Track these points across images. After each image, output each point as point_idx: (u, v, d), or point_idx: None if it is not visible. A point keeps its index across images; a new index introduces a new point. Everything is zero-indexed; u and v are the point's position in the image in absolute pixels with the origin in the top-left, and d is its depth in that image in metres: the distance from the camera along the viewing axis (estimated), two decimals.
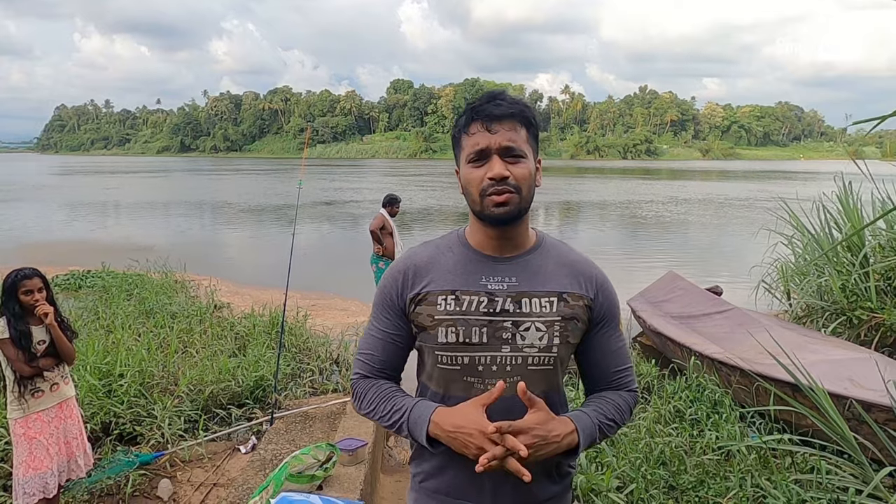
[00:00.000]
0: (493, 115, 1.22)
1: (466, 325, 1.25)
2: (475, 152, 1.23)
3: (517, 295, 1.27)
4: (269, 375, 4.91)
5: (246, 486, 3.30)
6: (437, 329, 1.27)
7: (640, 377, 5.77)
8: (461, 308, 1.26)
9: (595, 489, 3.05)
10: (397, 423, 1.28)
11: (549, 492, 1.34)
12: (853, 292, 5.97)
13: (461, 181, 1.30)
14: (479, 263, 1.30)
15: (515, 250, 1.31)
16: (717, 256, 14.64)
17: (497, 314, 1.26)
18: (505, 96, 1.26)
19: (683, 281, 8.13)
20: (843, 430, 3.31)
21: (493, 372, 1.26)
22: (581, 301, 1.31)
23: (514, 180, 1.22)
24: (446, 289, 1.28)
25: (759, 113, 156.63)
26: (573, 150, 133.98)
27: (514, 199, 1.22)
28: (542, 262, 1.32)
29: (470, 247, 1.33)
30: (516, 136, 1.24)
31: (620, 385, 1.39)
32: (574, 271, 1.33)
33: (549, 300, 1.28)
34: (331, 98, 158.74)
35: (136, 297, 7.98)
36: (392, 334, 1.35)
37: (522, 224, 1.31)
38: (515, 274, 1.29)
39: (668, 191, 37.77)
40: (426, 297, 1.29)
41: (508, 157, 1.23)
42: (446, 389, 1.30)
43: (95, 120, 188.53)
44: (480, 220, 1.28)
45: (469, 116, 1.26)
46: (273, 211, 25.70)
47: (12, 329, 2.81)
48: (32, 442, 2.87)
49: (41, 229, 19.60)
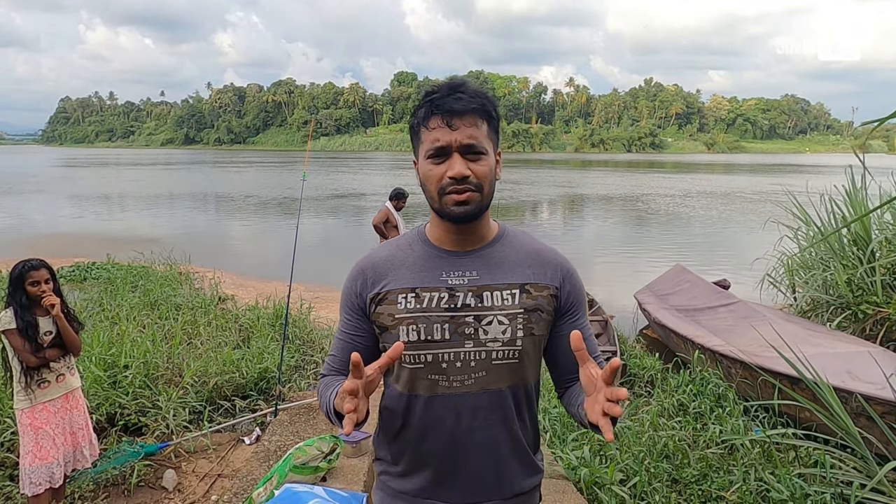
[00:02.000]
0: (454, 110, 1.17)
1: (428, 322, 1.22)
2: (435, 149, 1.19)
3: (478, 289, 1.24)
4: (273, 367, 4.93)
5: (250, 477, 3.31)
6: (399, 328, 1.24)
7: (644, 371, 5.77)
8: (422, 305, 1.23)
9: (598, 482, 3.06)
10: (326, 408, 1.25)
11: (521, 486, 1.33)
12: (859, 286, 5.94)
13: (419, 175, 1.25)
14: (438, 259, 1.27)
15: (476, 244, 1.29)
16: (724, 250, 14.59)
17: (458, 309, 1.23)
18: (466, 88, 1.20)
19: (690, 274, 8.12)
20: (847, 424, 3.30)
21: (457, 368, 1.23)
22: (545, 291, 1.27)
23: (474, 178, 1.18)
24: (406, 287, 1.25)
25: (764, 106, 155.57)
26: (577, 143, 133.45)
27: (475, 197, 1.19)
28: (503, 254, 1.29)
29: (430, 243, 1.30)
30: (477, 132, 1.19)
31: None
32: (537, 261, 1.30)
33: (510, 292, 1.25)
34: (335, 90, 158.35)
35: (140, 288, 8.01)
36: (354, 336, 1.32)
37: (483, 218, 1.27)
38: (476, 267, 1.26)
39: (674, 184, 37.62)
40: (386, 297, 1.26)
41: (469, 155, 1.19)
42: (411, 388, 1.27)
43: (100, 112, 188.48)
44: (440, 217, 1.25)
45: (429, 109, 1.20)
46: (277, 203, 25.72)
47: (19, 320, 2.82)
48: (39, 432, 2.89)
49: (47, 221, 19.67)
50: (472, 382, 1.24)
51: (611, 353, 6.32)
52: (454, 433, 1.25)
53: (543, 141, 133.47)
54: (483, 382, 1.25)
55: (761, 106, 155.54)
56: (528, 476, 1.34)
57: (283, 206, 24.33)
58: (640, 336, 7.82)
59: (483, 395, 1.24)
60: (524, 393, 1.31)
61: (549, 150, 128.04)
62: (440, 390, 1.24)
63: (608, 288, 10.38)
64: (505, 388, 1.27)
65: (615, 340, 6.67)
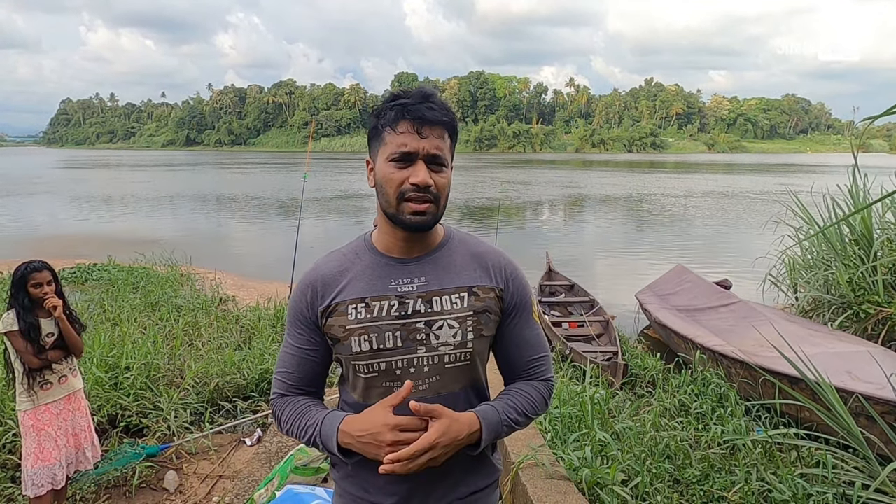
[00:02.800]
0: (425, 118, 1.18)
1: (379, 331, 1.23)
2: (401, 153, 1.18)
3: (427, 294, 1.25)
4: (274, 368, 4.92)
5: (251, 479, 3.32)
6: (350, 339, 1.24)
7: (646, 371, 5.77)
8: (372, 315, 1.24)
9: (600, 483, 3.05)
10: (311, 437, 1.26)
11: (476, 485, 1.34)
12: (860, 286, 5.93)
13: (376, 176, 1.24)
14: (387, 267, 1.28)
15: (423, 250, 1.29)
16: (726, 249, 14.58)
17: (409, 316, 1.24)
18: (436, 100, 1.22)
19: (691, 274, 8.12)
20: (849, 424, 3.29)
21: (410, 374, 1.25)
22: (491, 293, 1.29)
23: (435, 189, 1.19)
24: (356, 297, 1.25)
25: (765, 105, 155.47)
26: (578, 144, 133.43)
27: (432, 208, 1.20)
28: (450, 258, 1.30)
29: (377, 251, 1.30)
30: (443, 144, 1.21)
31: (536, 374, 1.37)
32: (482, 263, 1.31)
33: (459, 296, 1.27)
34: (335, 91, 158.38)
35: (141, 290, 8.02)
36: (306, 350, 1.32)
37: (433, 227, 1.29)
38: (424, 273, 1.27)
39: (677, 183, 37.60)
40: (336, 308, 1.26)
41: (433, 165, 1.19)
42: (367, 397, 1.28)
43: (101, 114, 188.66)
44: (392, 223, 1.25)
45: (400, 113, 1.19)
46: (278, 204, 25.73)
47: (22, 321, 2.83)
48: (41, 434, 2.89)
49: (49, 223, 19.70)
50: (427, 387, 1.26)
51: (612, 353, 6.32)
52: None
53: (544, 141, 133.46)
54: (437, 387, 1.27)
55: (762, 106, 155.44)
56: (483, 476, 1.36)
57: (285, 207, 24.35)
58: (641, 336, 7.81)
59: (437, 398, 1.25)
60: (476, 394, 1.34)
61: (549, 151, 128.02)
62: None
63: (610, 288, 10.38)
64: (458, 391, 1.29)
65: (616, 341, 6.66)
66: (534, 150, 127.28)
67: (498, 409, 1.27)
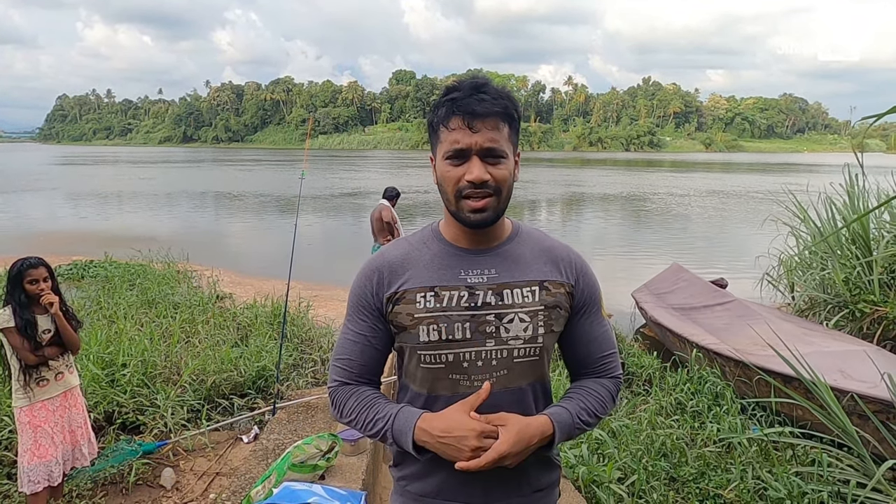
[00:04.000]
0: (476, 113, 1.15)
1: (448, 321, 1.21)
2: (454, 150, 1.17)
3: (498, 287, 1.24)
4: (272, 366, 4.92)
5: (248, 476, 3.31)
6: (418, 328, 1.22)
7: (642, 369, 5.78)
8: (441, 304, 1.22)
9: (597, 480, 3.06)
10: (381, 431, 1.23)
11: (539, 483, 1.33)
12: (856, 285, 5.95)
13: (436, 174, 1.24)
14: (456, 257, 1.26)
15: (492, 242, 1.28)
16: (722, 248, 14.61)
17: (479, 308, 1.22)
18: (488, 89, 1.18)
19: (687, 273, 8.14)
20: (843, 422, 3.31)
21: (478, 368, 1.23)
22: (562, 288, 1.28)
23: (493, 182, 1.17)
24: (425, 285, 1.23)
25: (762, 105, 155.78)
26: (576, 142, 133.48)
27: (492, 202, 1.18)
28: (520, 252, 1.28)
29: (445, 241, 1.29)
30: (498, 136, 1.17)
31: (605, 371, 1.36)
32: (553, 258, 1.30)
33: (530, 290, 1.25)
34: (333, 89, 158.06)
35: (138, 286, 7.99)
36: (369, 337, 1.29)
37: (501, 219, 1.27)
38: (494, 265, 1.25)
39: (679, 182, 37.64)
40: (404, 296, 1.24)
41: (489, 158, 1.17)
42: (431, 389, 1.26)
43: (97, 110, 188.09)
44: (455, 220, 1.24)
45: (450, 109, 1.17)
46: (275, 201, 25.69)
47: (18, 318, 2.82)
48: (37, 430, 2.89)
49: (45, 219, 19.63)
50: (494, 381, 1.23)
51: None
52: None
53: (542, 139, 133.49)
54: (504, 381, 1.25)
55: (759, 105, 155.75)
56: (547, 472, 1.35)
57: (282, 205, 24.30)
58: (637, 335, 7.83)
59: (504, 393, 1.24)
60: (542, 389, 1.33)
61: (547, 149, 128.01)
62: (461, 390, 1.24)
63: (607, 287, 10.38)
64: (525, 386, 1.27)
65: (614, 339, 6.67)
66: (532, 149, 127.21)
67: (571, 411, 1.26)
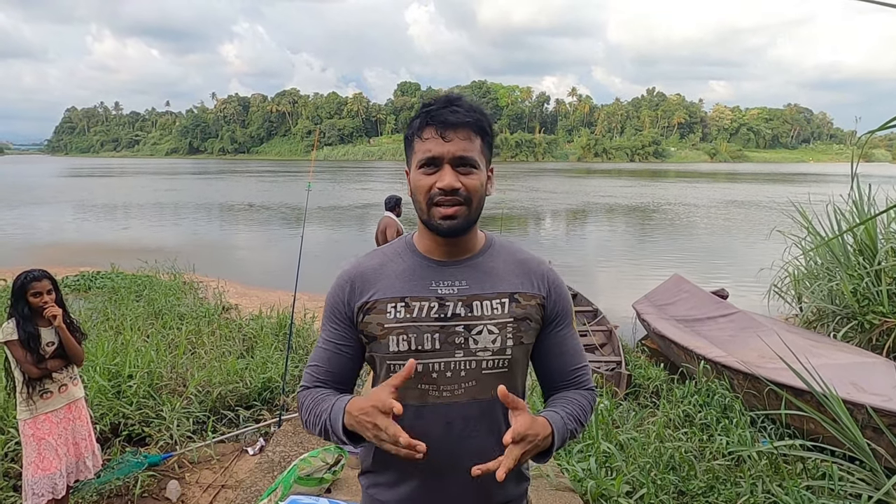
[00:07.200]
0: (448, 122, 1.19)
1: (418, 332, 1.23)
2: (426, 159, 1.20)
3: (468, 298, 1.25)
4: (277, 377, 4.91)
5: (254, 488, 3.29)
6: (388, 338, 1.24)
7: (649, 381, 5.74)
8: (412, 315, 1.23)
9: (605, 494, 3.03)
10: (323, 423, 1.22)
11: (508, 494, 1.33)
12: (865, 296, 5.91)
13: (410, 184, 1.26)
14: (428, 269, 1.28)
15: (464, 253, 1.29)
16: (727, 259, 14.56)
17: (449, 319, 1.23)
18: (462, 102, 1.22)
19: (688, 284, 8.11)
20: (855, 436, 3.27)
21: (447, 378, 1.23)
22: (533, 300, 1.29)
23: (464, 191, 1.19)
24: (395, 296, 1.25)
25: (767, 115, 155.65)
26: (580, 153, 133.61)
27: (463, 211, 1.20)
28: (492, 264, 1.30)
29: (418, 252, 1.30)
30: (470, 146, 1.20)
31: (579, 383, 1.36)
32: (525, 270, 1.31)
33: (500, 301, 1.26)
34: (338, 100, 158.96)
35: (145, 298, 8.02)
36: (340, 345, 1.30)
37: (471, 230, 1.28)
38: (465, 277, 1.27)
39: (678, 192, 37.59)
40: (375, 306, 1.25)
41: (460, 168, 1.20)
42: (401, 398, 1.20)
43: (105, 122, 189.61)
44: (427, 228, 1.26)
45: (424, 120, 1.22)
46: (281, 213, 25.78)
47: (21, 331, 2.82)
48: (41, 443, 2.88)
49: (52, 230, 19.75)
50: (462, 392, 1.24)
51: (616, 363, 6.29)
52: (443, 442, 1.24)
53: (547, 150, 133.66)
54: (473, 392, 1.25)
55: (764, 115, 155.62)
56: (515, 485, 1.35)
57: (288, 216, 24.38)
58: (638, 346, 7.78)
59: (473, 404, 1.24)
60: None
61: (552, 160, 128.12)
62: (430, 399, 1.24)
63: (612, 298, 10.35)
64: (494, 397, 1.25)
65: (620, 350, 6.64)
66: (536, 160, 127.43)
67: (561, 416, 1.25)
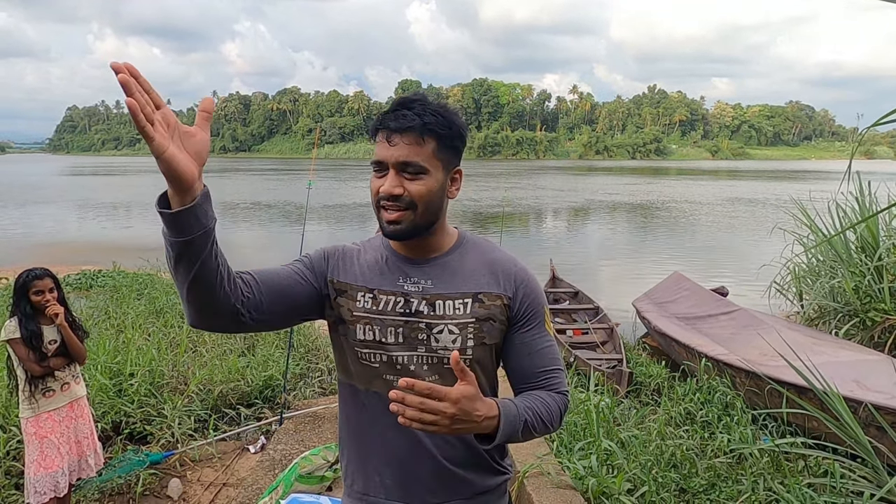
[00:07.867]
0: (390, 128, 1.20)
1: (383, 324, 1.26)
2: (373, 162, 1.23)
3: (431, 297, 1.27)
4: (278, 375, 4.92)
5: (255, 486, 3.30)
6: (356, 325, 1.28)
7: (650, 379, 5.74)
8: (378, 308, 1.27)
9: (606, 492, 3.03)
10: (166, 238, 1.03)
11: (482, 486, 1.33)
12: (866, 294, 5.90)
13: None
14: (396, 265, 1.30)
15: (431, 252, 1.31)
16: (728, 257, 14.54)
17: (412, 315, 1.26)
18: (413, 105, 1.20)
19: (689, 282, 8.09)
20: (857, 434, 3.26)
21: (410, 371, 1.26)
22: (499, 300, 1.28)
23: (408, 196, 1.19)
24: (365, 286, 1.29)
25: (769, 112, 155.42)
26: (582, 151, 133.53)
27: (407, 216, 1.20)
28: (459, 263, 1.31)
29: (391, 248, 1.33)
30: (417, 151, 1.19)
31: (548, 387, 1.31)
32: (493, 269, 1.31)
33: (462, 302, 1.27)
34: (339, 98, 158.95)
35: (146, 296, 8.03)
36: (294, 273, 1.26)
37: (435, 232, 1.28)
38: (431, 276, 1.28)
39: (679, 190, 37.56)
40: (347, 291, 1.29)
41: (406, 172, 1.19)
42: (368, 385, 1.30)
43: (106, 121, 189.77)
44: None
45: (375, 124, 1.24)
46: (282, 211, 25.79)
47: (23, 329, 2.83)
48: (43, 441, 2.89)
49: (53, 229, 19.77)
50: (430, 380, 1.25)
51: (617, 361, 6.29)
52: (414, 434, 1.25)
53: (548, 148, 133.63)
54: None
55: (766, 112, 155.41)
56: (489, 476, 1.34)
57: (289, 214, 24.39)
58: (640, 344, 7.77)
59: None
60: None
61: (553, 158, 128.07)
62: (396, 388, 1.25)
63: (613, 295, 10.35)
64: None
65: (621, 348, 6.64)
66: (537, 157, 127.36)
67: (518, 406, 1.21)
